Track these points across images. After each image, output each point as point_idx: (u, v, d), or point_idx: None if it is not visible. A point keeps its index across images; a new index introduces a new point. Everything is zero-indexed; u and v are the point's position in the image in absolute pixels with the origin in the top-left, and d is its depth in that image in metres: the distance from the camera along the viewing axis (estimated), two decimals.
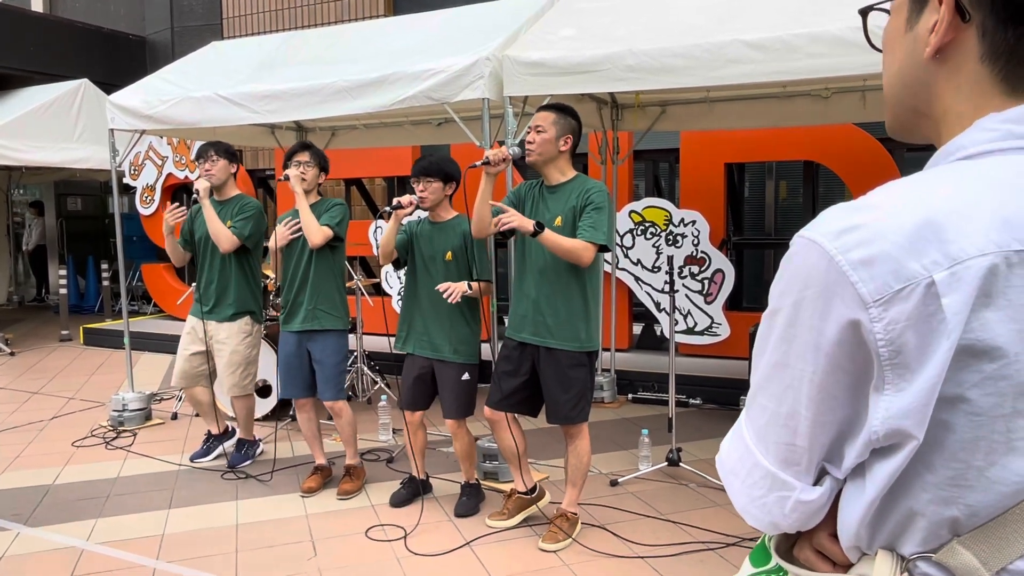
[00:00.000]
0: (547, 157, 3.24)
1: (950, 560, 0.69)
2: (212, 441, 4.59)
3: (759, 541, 0.90)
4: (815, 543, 0.81)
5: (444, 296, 3.38)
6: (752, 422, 0.80)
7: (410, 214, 3.61)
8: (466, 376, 3.61)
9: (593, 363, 3.34)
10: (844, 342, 0.70)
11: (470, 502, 3.72)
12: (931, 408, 0.67)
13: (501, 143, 4.17)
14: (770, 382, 0.77)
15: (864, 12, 0.88)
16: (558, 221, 3.21)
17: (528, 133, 3.27)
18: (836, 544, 0.78)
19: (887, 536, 0.74)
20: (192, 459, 4.52)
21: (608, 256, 5.90)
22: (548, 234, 3.08)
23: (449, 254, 3.60)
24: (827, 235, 0.70)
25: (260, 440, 4.65)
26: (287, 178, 3.82)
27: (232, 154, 4.32)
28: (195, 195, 4.18)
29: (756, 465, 0.79)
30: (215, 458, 4.53)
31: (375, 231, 7.24)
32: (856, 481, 0.75)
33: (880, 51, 0.86)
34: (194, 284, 4.45)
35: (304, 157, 3.88)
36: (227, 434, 4.63)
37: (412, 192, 3.64)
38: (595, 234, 3.10)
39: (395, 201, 3.55)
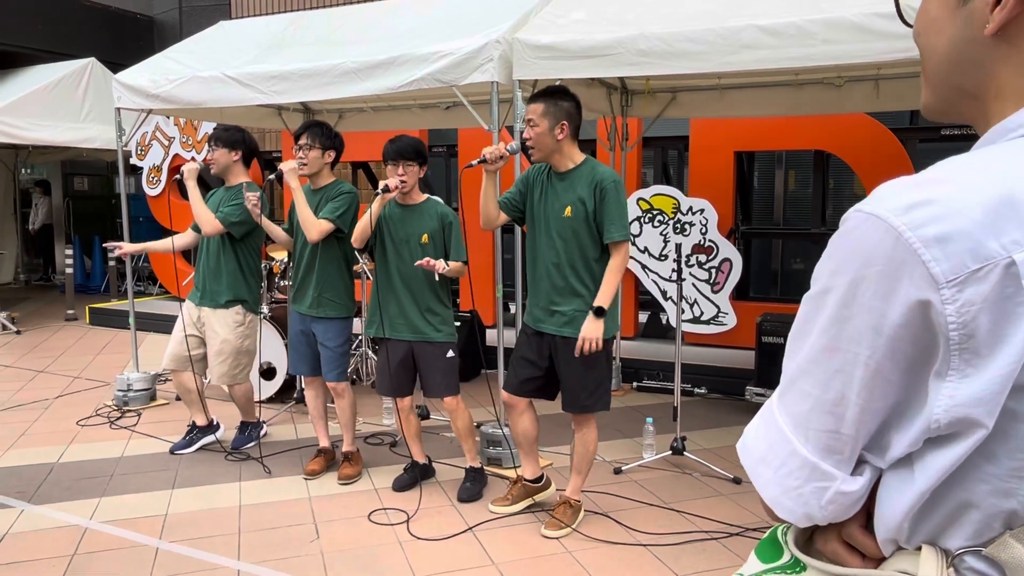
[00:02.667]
0: (546, 150, 3.18)
1: (1001, 554, 0.66)
2: (196, 433, 4.45)
3: (767, 535, 0.86)
4: (845, 535, 0.77)
5: (420, 264, 3.40)
6: (789, 408, 0.76)
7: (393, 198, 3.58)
8: (450, 354, 3.64)
9: (610, 351, 3.31)
10: (910, 324, 0.65)
11: (473, 487, 3.71)
12: (1004, 396, 0.63)
13: (510, 128, 4.15)
14: (816, 367, 0.72)
15: None
16: (567, 212, 3.16)
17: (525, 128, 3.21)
18: (868, 536, 0.75)
19: (931, 529, 0.70)
20: (172, 451, 4.37)
21: None
22: (604, 300, 3.10)
23: (425, 236, 3.58)
24: (893, 210, 0.65)
25: (264, 422, 4.64)
26: (279, 177, 3.69)
27: (233, 141, 4.19)
28: (179, 176, 4.13)
29: (793, 454, 0.75)
30: (197, 450, 4.41)
31: None
32: (900, 471, 0.71)
33: (910, 26, 0.81)
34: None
35: (304, 139, 3.77)
36: (211, 427, 4.50)
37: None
38: (622, 232, 3.12)
39: (382, 184, 3.53)
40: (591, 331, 3.09)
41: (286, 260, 5.38)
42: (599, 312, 3.10)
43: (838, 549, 0.78)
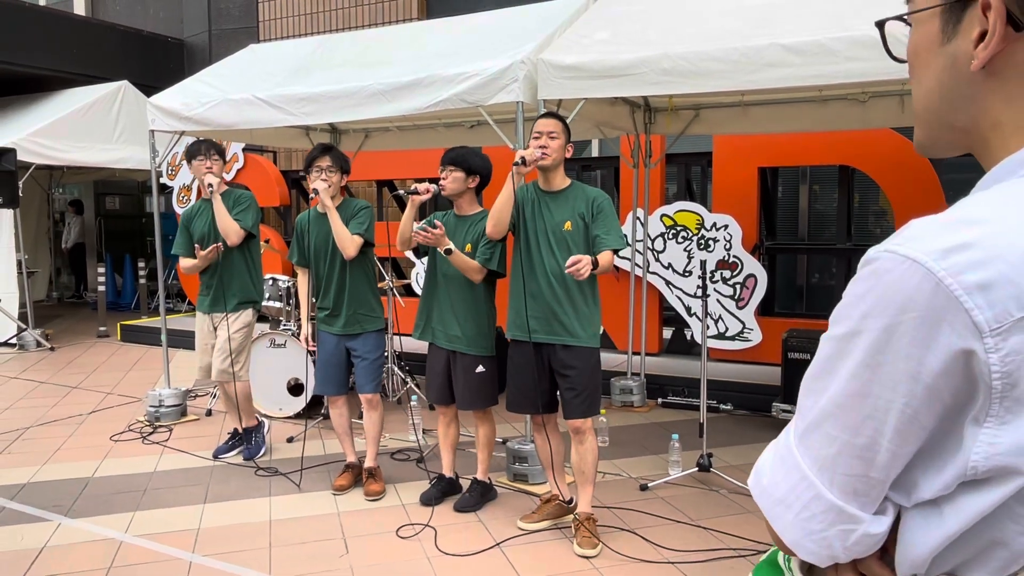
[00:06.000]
0: (557, 162, 3.36)
1: None
2: (237, 439, 4.70)
3: (766, 556, 0.85)
4: (863, 567, 0.76)
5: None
6: (813, 452, 0.73)
7: (426, 201, 3.65)
8: (480, 368, 3.66)
9: (599, 358, 3.46)
10: (950, 373, 0.63)
11: (471, 499, 3.79)
12: None
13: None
14: (844, 411, 0.70)
15: (881, 24, 0.84)
16: (567, 226, 3.32)
17: (540, 138, 3.32)
18: (886, 569, 0.74)
19: (955, 563, 0.69)
20: (215, 455, 4.62)
21: (639, 260, 5.89)
22: (599, 261, 3.18)
23: (468, 246, 3.64)
24: (931, 254, 0.63)
25: (263, 420, 4.79)
26: (316, 193, 3.82)
27: (222, 152, 4.53)
28: (209, 190, 4.34)
29: (817, 498, 0.72)
30: (238, 453, 4.64)
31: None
32: (926, 509, 0.70)
33: (901, 61, 0.81)
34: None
35: (325, 162, 3.88)
36: (259, 426, 4.77)
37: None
38: (619, 241, 3.32)
39: (412, 187, 3.61)
40: (586, 261, 3.08)
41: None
42: (595, 264, 3.13)
43: None
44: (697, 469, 4.08)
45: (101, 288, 9.13)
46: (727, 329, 6.08)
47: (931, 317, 0.63)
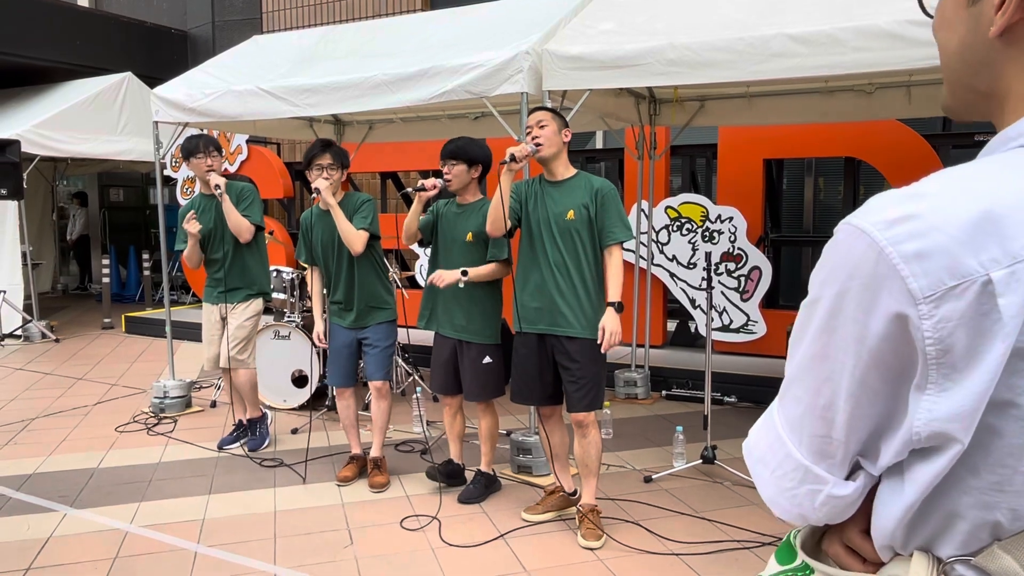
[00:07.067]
0: (555, 149, 3.33)
1: (990, 564, 0.67)
2: (242, 430, 4.72)
3: (784, 538, 0.88)
4: (845, 539, 0.78)
5: (431, 283, 3.50)
6: (785, 412, 0.78)
7: (434, 197, 3.65)
8: (487, 359, 3.66)
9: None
10: (890, 337, 0.66)
11: (474, 490, 3.79)
12: (980, 413, 0.64)
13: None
14: (807, 373, 0.74)
15: None
16: (570, 215, 3.29)
17: (530, 131, 3.31)
18: (868, 541, 0.76)
19: (924, 537, 0.71)
20: (220, 446, 4.64)
21: (643, 252, 5.88)
22: (618, 295, 3.22)
23: (470, 235, 3.64)
24: (877, 224, 0.66)
25: (266, 411, 4.80)
26: (318, 191, 3.81)
27: (219, 147, 4.54)
28: (217, 191, 4.34)
29: (788, 456, 0.76)
30: (242, 445, 4.67)
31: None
32: (893, 480, 0.72)
33: (932, 16, 0.82)
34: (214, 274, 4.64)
35: (326, 160, 3.86)
36: (263, 418, 4.79)
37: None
38: (627, 232, 3.30)
39: (419, 183, 3.63)
40: (614, 324, 3.20)
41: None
42: (619, 308, 3.23)
43: (839, 552, 0.79)
44: (701, 461, 4.08)
45: (106, 280, 9.15)
46: (731, 321, 6.07)
47: (874, 284, 0.66)
